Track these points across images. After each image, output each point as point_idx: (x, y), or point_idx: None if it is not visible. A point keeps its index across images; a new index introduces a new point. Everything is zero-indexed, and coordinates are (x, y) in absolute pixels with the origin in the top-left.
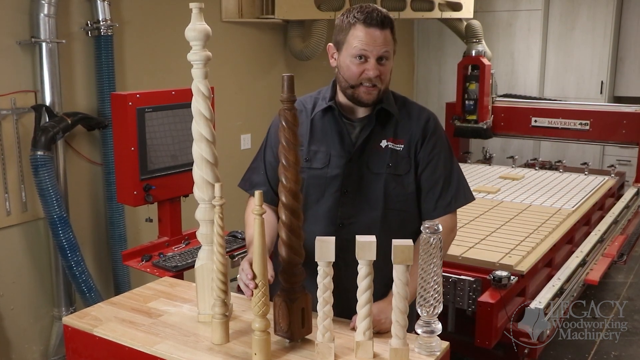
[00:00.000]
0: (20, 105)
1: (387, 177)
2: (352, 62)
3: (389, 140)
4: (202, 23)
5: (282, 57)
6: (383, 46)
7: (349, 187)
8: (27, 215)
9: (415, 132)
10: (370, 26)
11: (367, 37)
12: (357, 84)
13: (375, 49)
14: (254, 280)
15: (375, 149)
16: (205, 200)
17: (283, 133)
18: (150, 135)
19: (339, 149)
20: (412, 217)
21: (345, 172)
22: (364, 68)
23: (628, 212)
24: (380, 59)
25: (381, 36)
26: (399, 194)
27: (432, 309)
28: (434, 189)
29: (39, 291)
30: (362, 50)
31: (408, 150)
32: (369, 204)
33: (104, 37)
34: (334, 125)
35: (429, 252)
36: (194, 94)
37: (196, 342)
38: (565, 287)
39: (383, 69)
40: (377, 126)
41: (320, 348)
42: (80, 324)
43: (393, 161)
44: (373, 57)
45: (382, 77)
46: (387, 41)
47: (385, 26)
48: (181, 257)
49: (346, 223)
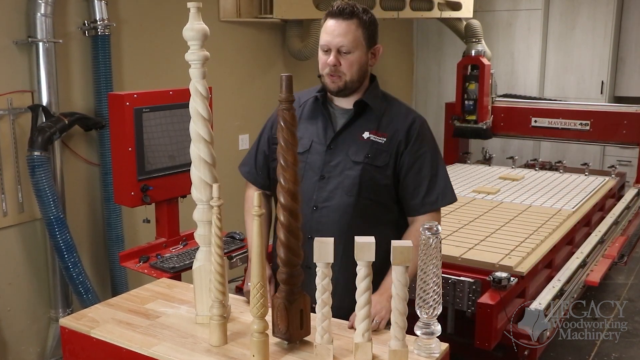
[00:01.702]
0: (17, 105)
1: (365, 167)
2: (320, 54)
3: (372, 132)
4: (200, 23)
5: (280, 56)
6: (341, 37)
7: (327, 173)
8: (23, 216)
9: (400, 129)
10: (332, 17)
11: (328, 29)
12: (324, 74)
13: (334, 39)
14: None
15: (357, 139)
16: (203, 201)
17: (281, 133)
18: (148, 135)
19: (321, 137)
20: (386, 207)
21: (325, 158)
22: (327, 58)
23: (629, 213)
24: (341, 51)
25: (339, 27)
26: (374, 184)
27: (432, 311)
28: (419, 188)
29: (35, 292)
30: (324, 42)
31: (389, 145)
32: (344, 190)
33: (101, 37)
34: (320, 114)
35: (428, 253)
36: (191, 94)
37: (194, 344)
38: (565, 288)
39: (344, 60)
40: (359, 117)
41: (319, 350)
42: (78, 325)
43: (372, 152)
44: (332, 48)
45: (344, 68)
46: (346, 32)
47: (344, 17)
48: (179, 258)
49: (320, 206)
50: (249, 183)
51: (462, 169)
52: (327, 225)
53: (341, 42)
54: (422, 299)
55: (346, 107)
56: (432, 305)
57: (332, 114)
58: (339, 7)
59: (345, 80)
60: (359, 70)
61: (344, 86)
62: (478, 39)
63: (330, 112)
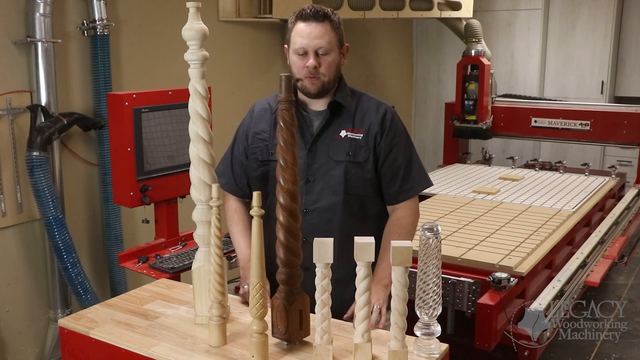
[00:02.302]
0: (16, 105)
1: (347, 165)
2: (296, 58)
3: (348, 130)
4: (199, 22)
5: (279, 56)
6: (318, 39)
7: (312, 176)
8: (22, 216)
9: (374, 123)
10: (305, 21)
11: (303, 32)
12: (302, 77)
13: (312, 42)
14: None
15: (335, 139)
16: (202, 201)
17: (281, 133)
18: (147, 135)
19: (300, 141)
20: (371, 200)
21: (308, 161)
22: (305, 62)
23: (629, 213)
24: (319, 53)
25: (315, 29)
26: (358, 179)
27: (432, 311)
28: (395, 176)
29: (34, 293)
30: (301, 45)
31: (367, 139)
32: (331, 190)
33: (100, 37)
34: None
35: (428, 253)
36: (191, 94)
37: (193, 345)
38: (565, 288)
39: (322, 62)
40: (335, 118)
41: (318, 350)
42: (76, 326)
43: (352, 149)
44: (310, 50)
45: (323, 70)
46: (322, 34)
47: (319, 19)
48: (178, 258)
49: (311, 209)
50: (228, 194)
51: (462, 169)
52: (319, 227)
53: (319, 44)
54: (421, 299)
55: (319, 109)
56: (432, 306)
57: (306, 118)
58: (312, 10)
59: (324, 81)
60: (336, 71)
61: (322, 87)
62: (478, 38)
63: (304, 116)
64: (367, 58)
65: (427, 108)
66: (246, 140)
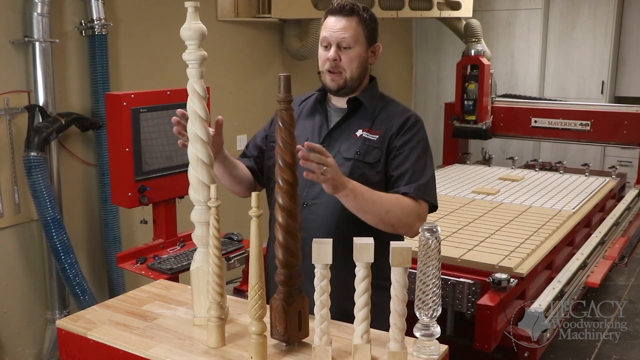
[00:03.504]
0: (13, 105)
1: (355, 163)
2: (321, 50)
3: (365, 130)
4: (198, 22)
5: (278, 56)
6: (341, 32)
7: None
8: (20, 217)
9: (393, 126)
10: (332, 15)
11: (328, 25)
12: (323, 71)
13: (334, 34)
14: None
15: (350, 137)
16: (200, 202)
17: (279, 134)
18: (145, 135)
19: (315, 134)
20: None
21: None
22: (327, 55)
23: (629, 213)
24: (341, 46)
25: (340, 23)
26: (364, 181)
27: (431, 312)
28: (402, 177)
29: (32, 294)
30: (324, 38)
31: (382, 141)
32: None
33: (98, 37)
34: (317, 112)
35: (428, 254)
36: (189, 94)
37: (192, 346)
38: (565, 289)
39: (344, 56)
40: (354, 115)
41: (317, 352)
42: (74, 327)
43: (364, 149)
44: (332, 43)
45: (344, 64)
46: (346, 27)
47: (344, 13)
48: (176, 259)
49: (310, 203)
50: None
51: (462, 169)
52: (316, 223)
53: (341, 37)
54: (421, 300)
55: (342, 107)
56: (432, 307)
57: (328, 113)
58: (339, 4)
59: (345, 77)
60: (359, 67)
61: (344, 84)
62: (477, 38)
63: (327, 111)
64: None
65: (427, 108)
66: (270, 126)
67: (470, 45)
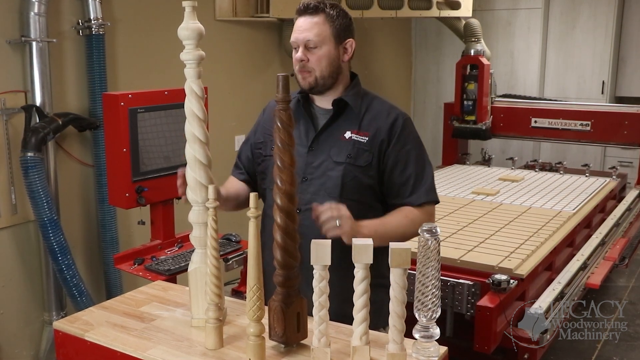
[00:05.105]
0: (10, 105)
1: (347, 167)
2: (293, 53)
3: (353, 132)
4: (195, 22)
5: (277, 56)
6: (306, 32)
7: (309, 175)
8: (17, 217)
9: (382, 128)
10: (300, 15)
11: (296, 26)
12: (295, 71)
13: (300, 36)
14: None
15: (338, 139)
16: (198, 203)
17: (278, 134)
18: (143, 136)
19: (302, 138)
20: (370, 208)
21: (307, 160)
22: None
23: (630, 214)
24: (308, 46)
25: (305, 22)
26: (357, 184)
27: (431, 314)
28: (406, 184)
29: (29, 295)
30: (292, 39)
31: (371, 144)
32: (327, 192)
33: (96, 36)
34: (301, 116)
35: (427, 255)
36: (187, 94)
37: (189, 347)
38: (565, 291)
39: (311, 56)
40: (340, 117)
41: (316, 353)
42: (71, 328)
43: (354, 152)
44: (300, 44)
45: (312, 64)
46: (312, 27)
47: (309, 12)
48: (174, 260)
49: (303, 209)
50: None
51: (461, 170)
52: (311, 228)
53: (307, 37)
54: (420, 301)
55: (327, 107)
56: (431, 308)
57: (313, 115)
58: (304, 3)
59: (316, 76)
60: (329, 65)
61: (314, 82)
62: (477, 38)
63: (311, 113)
64: (365, 58)
65: (426, 108)
66: (254, 134)
67: (469, 45)
